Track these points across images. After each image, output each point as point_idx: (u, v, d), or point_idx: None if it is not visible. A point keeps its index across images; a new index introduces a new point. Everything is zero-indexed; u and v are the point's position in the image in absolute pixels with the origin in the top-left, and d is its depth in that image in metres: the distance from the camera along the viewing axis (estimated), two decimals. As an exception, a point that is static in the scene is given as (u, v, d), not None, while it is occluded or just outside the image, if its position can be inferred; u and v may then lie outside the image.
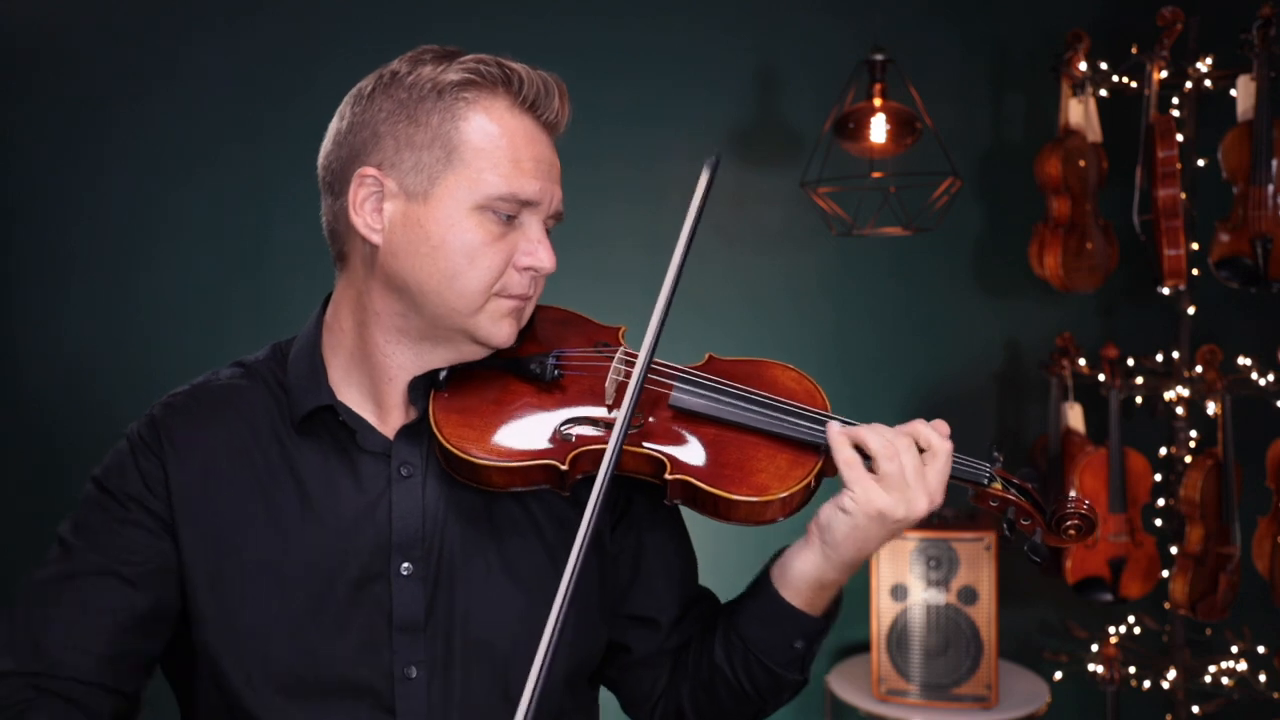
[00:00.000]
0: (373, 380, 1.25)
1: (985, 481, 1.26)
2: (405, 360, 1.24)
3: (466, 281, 1.19)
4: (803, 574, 1.24)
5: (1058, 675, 3.08)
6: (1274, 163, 2.70)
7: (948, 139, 2.85)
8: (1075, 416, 3.07)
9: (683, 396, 1.24)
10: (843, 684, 3.02)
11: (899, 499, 1.18)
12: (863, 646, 3.16)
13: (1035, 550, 1.24)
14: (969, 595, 2.88)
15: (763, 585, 1.28)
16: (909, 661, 2.89)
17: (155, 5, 2.92)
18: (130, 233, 2.94)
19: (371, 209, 1.21)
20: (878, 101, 2.81)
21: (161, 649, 1.23)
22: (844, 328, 3.28)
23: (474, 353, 1.24)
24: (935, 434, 1.23)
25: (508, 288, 1.21)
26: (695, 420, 1.24)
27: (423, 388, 1.25)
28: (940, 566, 2.88)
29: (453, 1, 3.01)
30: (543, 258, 1.22)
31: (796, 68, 3.19)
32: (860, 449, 1.21)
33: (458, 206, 1.19)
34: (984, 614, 2.86)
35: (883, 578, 2.91)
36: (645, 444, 1.21)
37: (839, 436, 1.21)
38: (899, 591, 2.91)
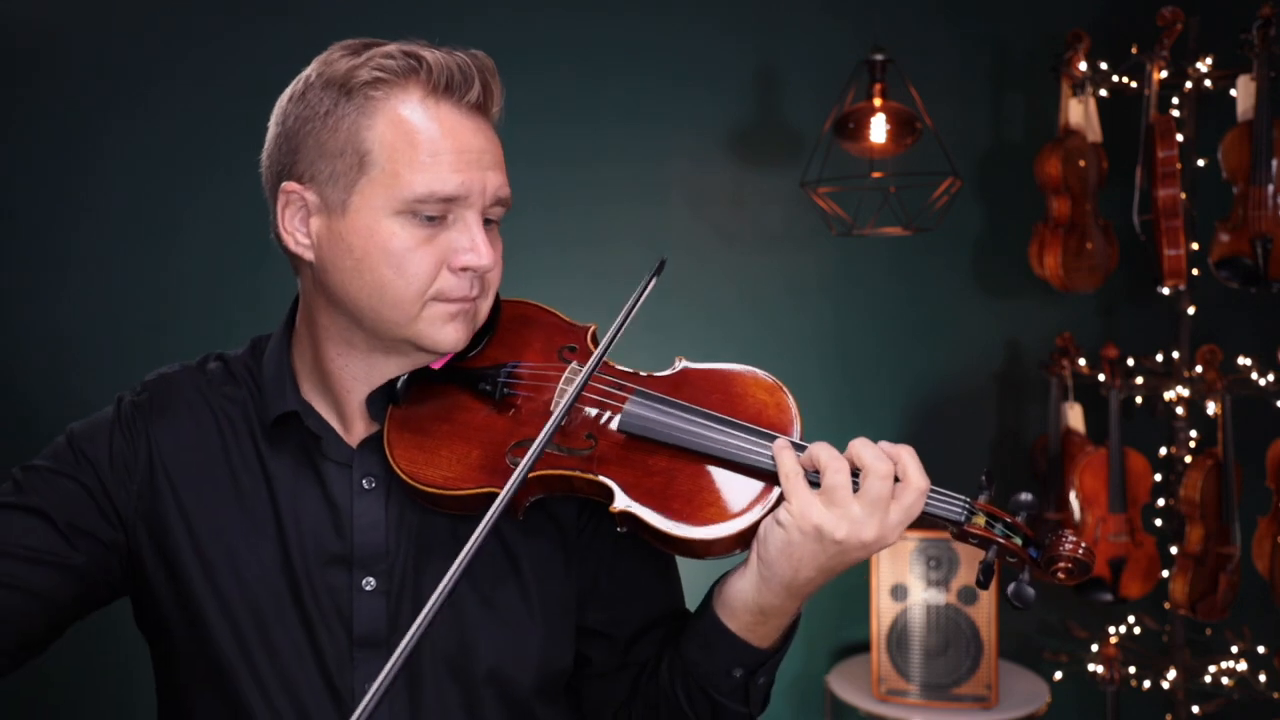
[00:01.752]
0: (332, 392, 1.22)
1: (963, 519, 1.12)
2: (358, 371, 1.21)
3: (396, 291, 1.13)
4: (739, 595, 1.15)
5: (1058, 675, 3.08)
6: (1274, 163, 2.70)
7: (948, 139, 2.85)
8: (1075, 416, 3.07)
9: (631, 420, 1.14)
10: (843, 684, 3.02)
11: (840, 517, 1.07)
12: (863, 646, 3.16)
13: (1019, 596, 1.09)
14: (969, 595, 2.88)
15: (705, 603, 1.20)
16: (909, 661, 2.89)
17: (155, 4, 2.92)
18: (130, 232, 2.94)
19: (300, 225, 1.17)
20: (878, 101, 2.81)
21: (60, 623, 1.16)
22: (844, 328, 3.28)
23: (424, 359, 1.20)
24: (917, 470, 1.10)
25: (445, 292, 1.14)
26: (646, 444, 1.14)
27: (380, 401, 1.20)
28: (940, 566, 2.88)
29: (452, 3, 3.01)
30: (481, 255, 1.14)
31: (796, 68, 3.19)
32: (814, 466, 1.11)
33: (375, 215, 1.12)
34: (984, 614, 2.86)
35: (883, 578, 2.92)
36: (594, 469, 1.13)
37: (782, 449, 1.10)
38: (899, 591, 2.91)
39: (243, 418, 1.24)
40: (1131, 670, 2.98)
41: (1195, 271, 2.92)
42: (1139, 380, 2.98)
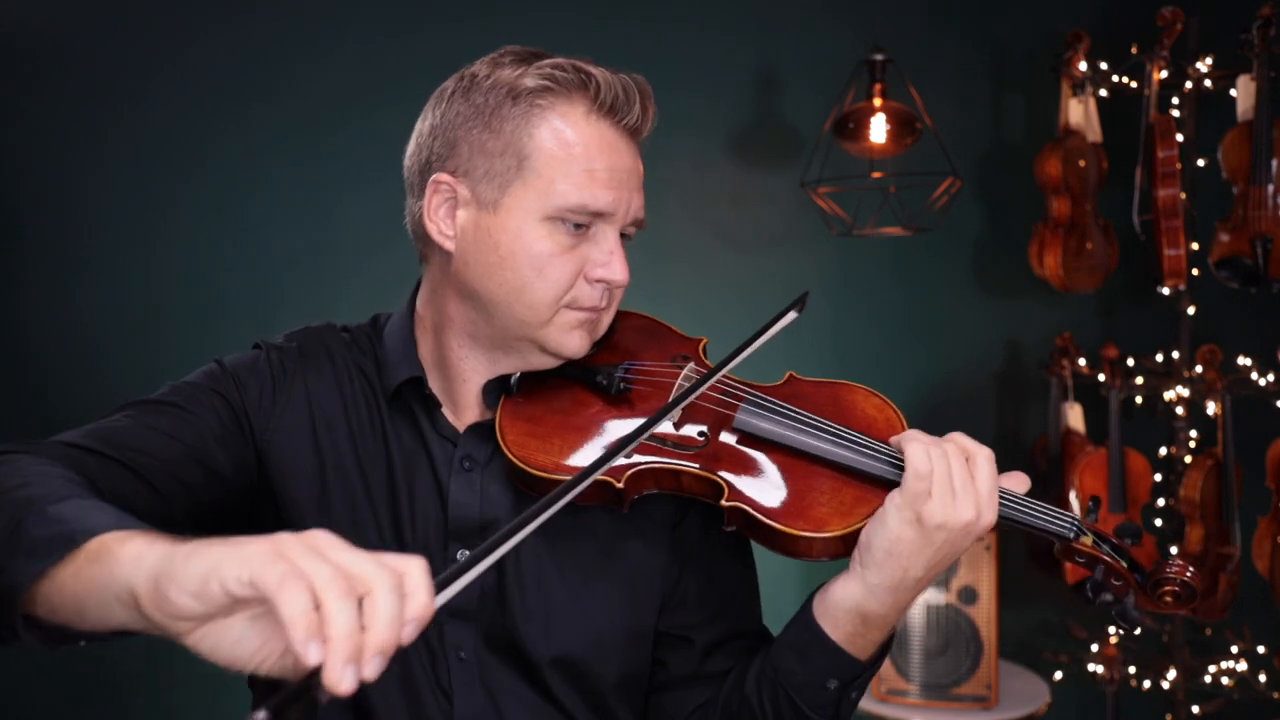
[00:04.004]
0: (448, 379, 1.27)
1: (1071, 535, 1.15)
2: (478, 364, 1.25)
3: (534, 293, 1.18)
4: (841, 602, 1.15)
5: (1058, 675, 3.08)
6: (1274, 163, 2.70)
7: (948, 139, 2.85)
8: (1075, 416, 3.07)
9: (747, 419, 1.18)
10: (843, 684, 3.02)
11: (941, 502, 1.09)
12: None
13: (1124, 616, 1.14)
14: (969, 595, 2.88)
15: (802, 613, 1.20)
16: (909, 661, 2.89)
17: (155, 4, 2.92)
18: (129, 231, 2.94)
19: (445, 216, 1.21)
20: (878, 101, 2.81)
21: (200, 518, 1.18)
22: (844, 328, 3.28)
23: (545, 362, 1.23)
24: (971, 441, 1.14)
25: (578, 300, 1.19)
26: (760, 445, 1.18)
27: (495, 390, 1.25)
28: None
29: (453, 3, 3.01)
30: (615, 270, 1.19)
31: (796, 68, 3.19)
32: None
33: (527, 216, 1.17)
34: (984, 614, 2.86)
35: (883, 578, 2.91)
36: (705, 466, 1.16)
37: (910, 439, 1.13)
38: (899, 591, 2.91)
39: (366, 384, 1.28)
40: (1131, 670, 2.98)
41: (1195, 271, 2.92)
42: (1139, 380, 2.98)
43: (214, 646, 0.78)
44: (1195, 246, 2.91)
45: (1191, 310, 2.96)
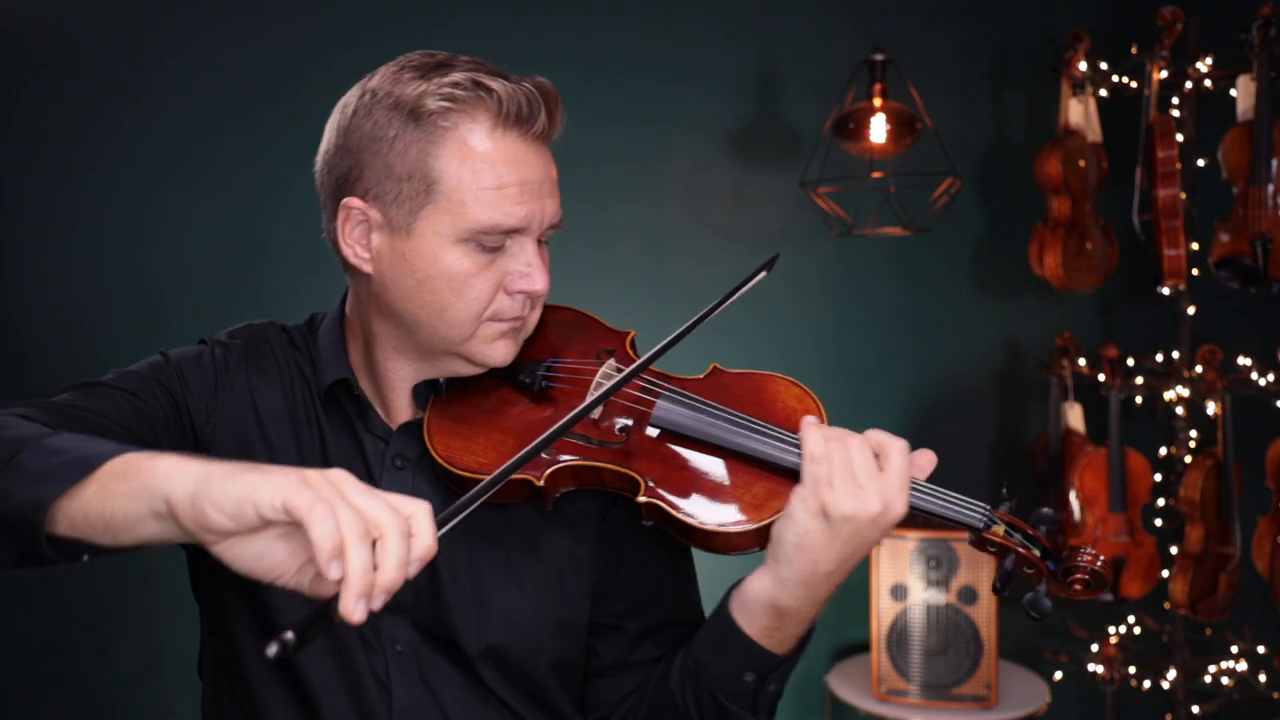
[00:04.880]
0: (377, 384, 1.29)
1: (981, 525, 1.15)
2: (406, 373, 1.27)
3: (455, 313, 1.18)
4: (755, 597, 1.15)
5: (1058, 675, 3.08)
6: (1274, 163, 2.70)
7: (948, 139, 2.85)
8: (1075, 416, 3.07)
9: (662, 414, 1.19)
10: (843, 684, 3.02)
11: (845, 493, 1.08)
12: (863, 646, 3.16)
13: (1036, 606, 1.12)
14: (969, 595, 2.88)
15: (720, 606, 1.20)
16: (909, 661, 2.89)
17: (155, 4, 2.92)
18: (130, 229, 2.94)
19: (360, 239, 1.20)
20: (878, 101, 2.81)
21: None
22: (844, 328, 3.28)
23: (471, 371, 1.24)
24: (886, 435, 1.12)
25: (500, 313, 1.20)
26: (678, 440, 1.19)
27: (425, 391, 1.26)
28: (940, 566, 2.88)
29: (453, 3, 3.01)
30: (535, 281, 1.19)
31: (796, 68, 3.19)
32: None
33: (441, 240, 1.16)
34: (984, 614, 2.86)
35: (883, 578, 2.91)
36: (624, 462, 1.17)
37: (810, 426, 1.13)
38: (899, 591, 2.91)
39: (304, 383, 1.30)
40: (1131, 670, 2.98)
41: (1195, 271, 2.92)
42: (1139, 380, 2.98)
43: (238, 557, 0.88)
44: (1195, 246, 2.91)
45: (1191, 310, 2.96)
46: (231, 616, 1.27)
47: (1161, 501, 3.09)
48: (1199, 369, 2.90)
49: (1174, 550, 2.96)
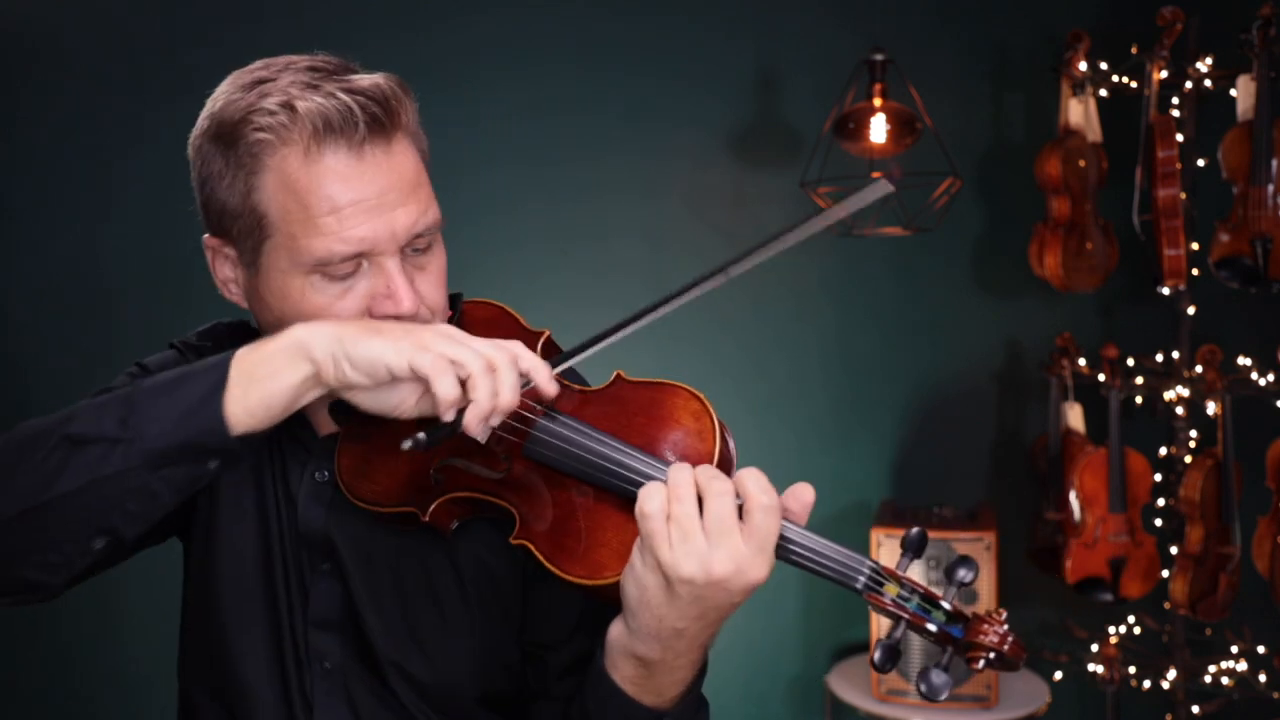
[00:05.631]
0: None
1: (860, 588, 0.97)
2: (316, 402, 1.20)
3: None
4: (614, 642, 1.04)
5: (1058, 675, 3.08)
6: (1274, 163, 2.70)
7: (948, 139, 2.85)
8: (1075, 416, 3.07)
9: (534, 446, 1.07)
10: (843, 684, 3.02)
11: (685, 552, 0.94)
12: (863, 646, 3.16)
13: (926, 685, 0.94)
14: (969, 595, 2.87)
15: (595, 654, 1.09)
16: (909, 661, 2.89)
17: (156, 6, 2.92)
18: (130, 232, 2.94)
19: (230, 275, 1.17)
20: (878, 101, 2.81)
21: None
22: (844, 328, 3.28)
23: None
24: (758, 485, 0.96)
25: None
26: (551, 474, 1.06)
27: (340, 410, 1.16)
28: (940, 567, 2.88)
29: (454, 2, 3.01)
30: (401, 302, 1.09)
31: (796, 68, 3.19)
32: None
33: (284, 276, 1.09)
34: (984, 614, 2.86)
35: (883, 578, 2.91)
36: (501, 494, 1.08)
37: (653, 485, 0.98)
38: (899, 591, 2.90)
39: None
40: (1131, 670, 2.98)
41: (1195, 271, 2.92)
42: (1139, 380, 2.98)
43: (370, 401, 1.01)
44: (1195, 246, 2.90)
45: (1191, 310, 2.95)
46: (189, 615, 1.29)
47: (1161, 501, 3.09)
48: (1199, 369, 2.90)
49: (1174, 550, 2.96)
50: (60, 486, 0.96)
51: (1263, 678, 2.91)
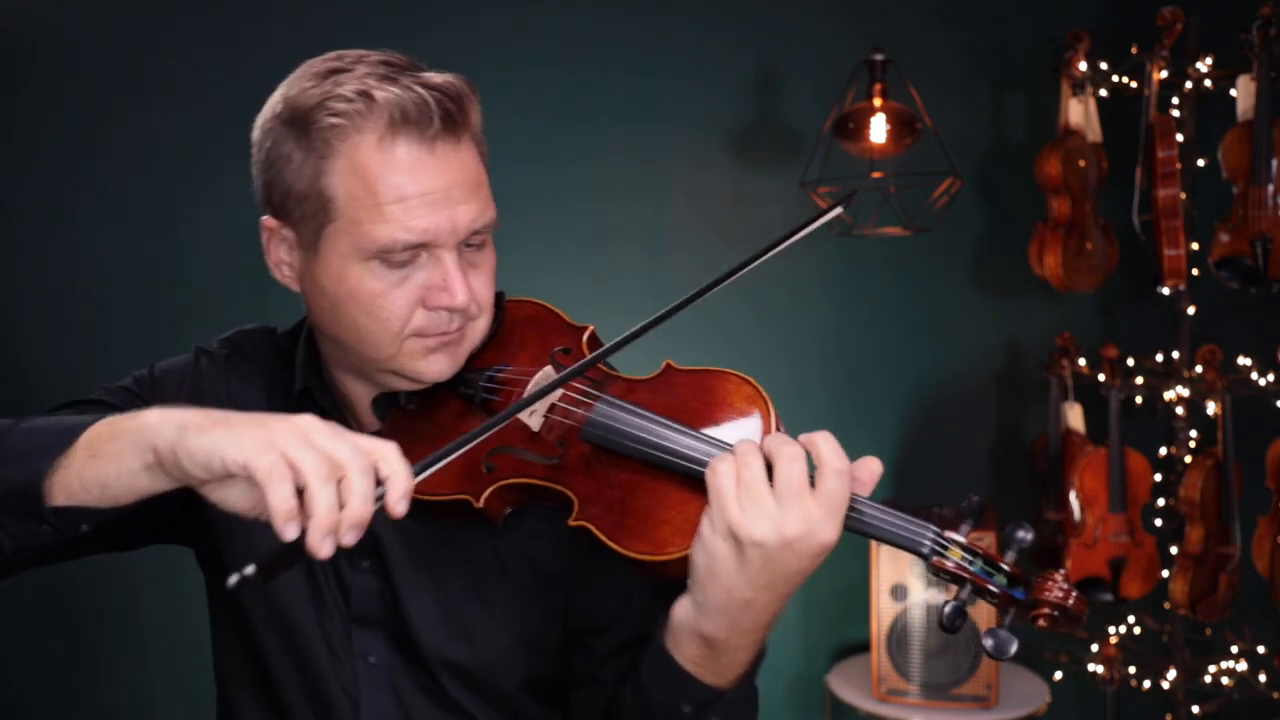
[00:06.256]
0: (339, 396, 1.26)
1: (926, 550, 0.99)
2: (358, 389, 1.24)
3: (372, 334, 1.13)
4: (680, 623, 1.04)
5: (1058, 675, 3.08)
6: (1274, 163, 2.70)
7: (948, 139, 2.85)
8: (1075, 416, 3.07)
9: (591, 427, 1.08)
10: (843, 684, 3.02)
11: (755, 515, 0.95)
12: (863, 646, 3.16)
13: (997, 649, 0.96)
14: (969, 595, 2.87)
15: (656, 633, 1.09)
16: (909, 661, 2.89)
17: (156, 6, 2.92)
18: (130, 233, 2.94)
19: (284, 258, 1.18)
20: (878, 101, 2.80)
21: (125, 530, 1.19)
22: (844, 328, 3.28)
23: (413, 386, 1.19)
24: (831, 450, 0.98)
25: (424, 329, 1.13)
26: (609, 455, 1.08)
27: (384, 404, 1.22)
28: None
29: (454, 2, 3.01)
30: (456, 295, 1.11)
31: (796, 68, 3.19)
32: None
33: (344, 261, 1.11)
34: (984, 614, 2.86)
35: (883, 578, 2.91)
36: (558, 479, 1.08)
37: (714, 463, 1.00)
38: (899, 591, 2.91)
39: (281, 389, 1.29)
40: (1131, 670, 2.98)
41: (1195, 271, 2.92)
42: (1139, 380, 2.98)
43: (222, 499, 0.93)
44: (1195, 246, 2.91)
45: (1191, 310, 2.95)
46: (218, 621, 1.29)
47: (1161, 501, 3.09)
48: (1199, 369, 2.90)
49: (1174, 550, 2.96)
50: None
51: (1263, 678, 2.91)
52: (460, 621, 1.21)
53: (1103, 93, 3.00)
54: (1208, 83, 2.87)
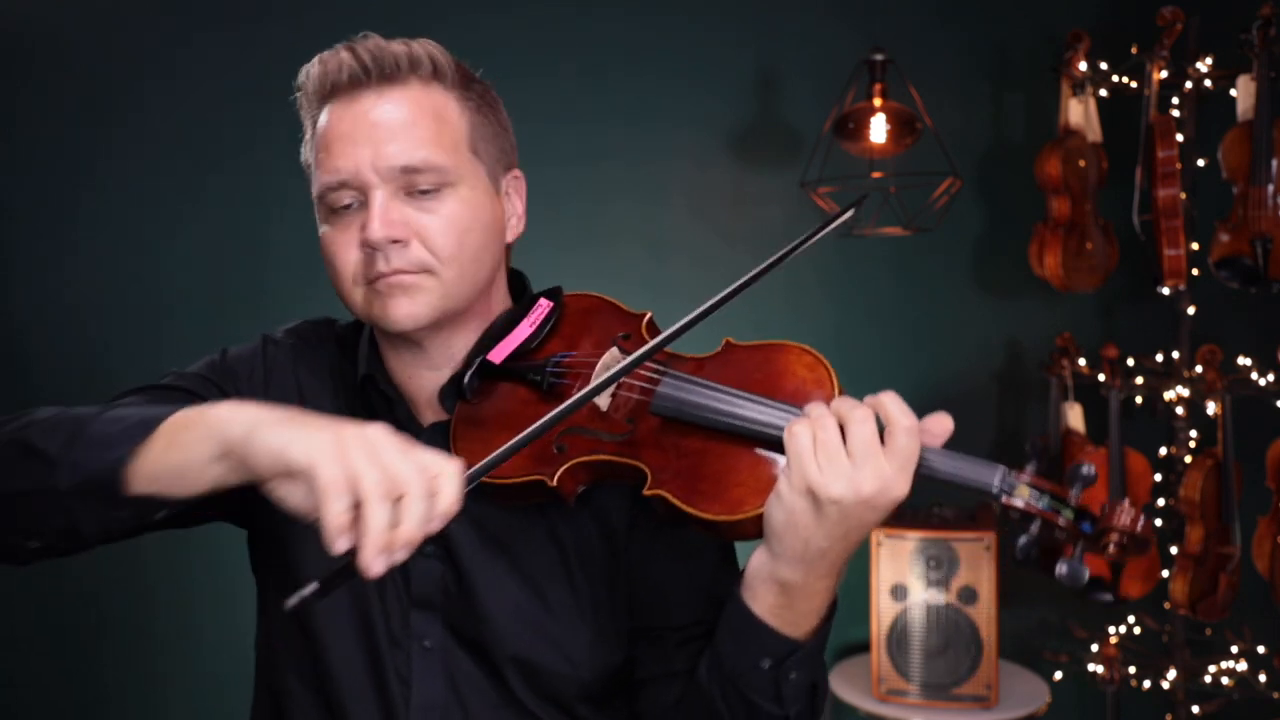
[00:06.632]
0: (400, 385, 1.29)
1: (996, 490, 1.04)
2: (398, 363, 1.28)
3: (341, 288, 1.21)
4: (756, 571, 1.09)
5: (1058, 675, 3.08)
6: (1274, 163, 2.70)
7: (948, 139, 2.85)
8: (1075, 416, 3.07)
9: (661, 400, 1.14)
10: (843, 684, 3.02)
11: (833, 474, 1.01)
12: (863, 646, 3.16)
13: (1072, 577, 1.02)
14: (969, 595, 2.87)
15: (733, 590, 1.14)
16: (909, 661, 2.89)
17: (155, 6, 2.92)
18: (130, 233, 2.94)
19: None
20: (878, 101, 2.81)
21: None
22: (844, 328, 3.28)
23: (408, 342, 1.25)
24: (899, 409, 1.03)
25: (366, 274, 1.18)
26: (681, 425, 1.13)
27: (451, 394, 1.24)
28: (940, 566, 2.88)
29: (454, 2, 3.01)
30: (371, 229, 1.14)
31: (796, 68, 3.19)
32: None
33: (319, 226, 1.23)
34: (984, 614, 2.86)
35: (883, 578, 2.91)
36: (630, 453, 1.13)
37: (798, 417, 1.06)
38: (899, 591, 2.91)
39: (343, 378, 1.31)
40: (1131, 670, 2.98)
41: (1195, 271, 2.92)
42: (1139, 380, 2.98)
43: (284, 497, 0.94)
44: (1195, 246, 2.91)
45: (1191, 310, 2.95)
46: (269, 603, 1.30)
47: (1161, 501, 3.09)
48: (1199, 369, 2.90)
49: (1174, 550, 2.96)
50: (5, 487, 1.03)
51: (1263, 678, 2.91)
52: (521, 617, 1.22)
53: (1103, 93, 3.00)
54: (1208, 83, 2.87)
